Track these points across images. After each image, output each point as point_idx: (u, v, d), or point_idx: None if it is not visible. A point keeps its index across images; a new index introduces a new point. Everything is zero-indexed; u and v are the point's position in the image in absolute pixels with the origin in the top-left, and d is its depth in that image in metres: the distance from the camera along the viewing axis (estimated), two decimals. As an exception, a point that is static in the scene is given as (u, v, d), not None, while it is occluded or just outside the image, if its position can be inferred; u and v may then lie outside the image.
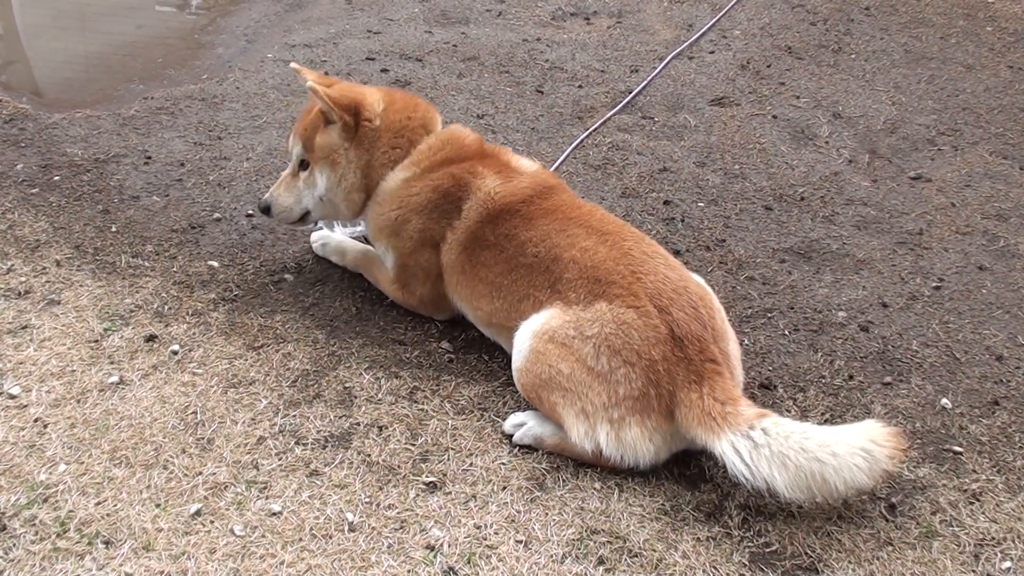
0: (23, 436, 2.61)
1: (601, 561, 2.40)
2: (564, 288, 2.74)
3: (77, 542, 2.32)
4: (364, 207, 3.25)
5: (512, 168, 3.12)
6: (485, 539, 2.43)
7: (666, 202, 3.96)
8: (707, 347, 2.60)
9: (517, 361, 2.75)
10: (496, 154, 3.19)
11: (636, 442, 2.56)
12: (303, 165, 3.22)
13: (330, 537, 2.40)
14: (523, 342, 2.72)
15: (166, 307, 3.16)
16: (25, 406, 2.72)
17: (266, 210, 3.27)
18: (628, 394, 2.55)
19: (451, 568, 2.34)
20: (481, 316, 3.01)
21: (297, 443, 2.67)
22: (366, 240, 3.58)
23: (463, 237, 2.99)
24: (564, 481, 2.64)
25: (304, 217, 3.28)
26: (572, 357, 2.61)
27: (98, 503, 2.43)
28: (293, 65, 3.27)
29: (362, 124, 3.13)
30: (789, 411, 2.92)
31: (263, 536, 2.38)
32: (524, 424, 2.75)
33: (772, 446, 2.39)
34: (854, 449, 2.39)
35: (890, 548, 2.49)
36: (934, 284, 3.57)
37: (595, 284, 2.70)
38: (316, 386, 2.89)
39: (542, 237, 2.85)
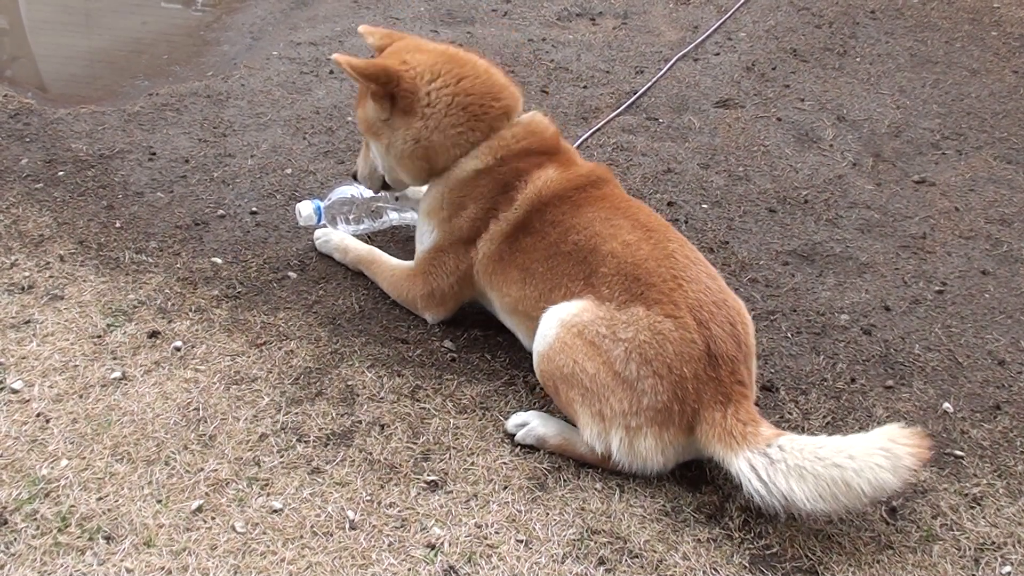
0: (25, 431, 2.62)
1: (601, 561, 2.40)
2: (598, 282, 2.68)
3: (78, 537, 2.32)
4: (430, 174, 3.10)
5: (575, 162, 3.08)
6: (486, 538, 2.43)
7: (670, 203, 3.96)
8: (738, 368, 2.55)
9: (540, 346, 2.69)
10: (566, 150, 3.13)
11: (649, 452, 2.54)
12: None
13: (331, 535, 2.40)
14: (549, 328, 2.66)
15: (169, 303, 3.17)
16: (27, 401, 2.72)
17: (356, 176, 3.39)
18: (651, 405, 2.51)
19: (451, 567, 2.34)
20: (508, 303, 2.96)
21: (299, 440, 2.68)
22: (370, 239, 3.58)
23: (508, 228, 2.93)
24: (565, 481, 2.64)
25: (387, 185, 3.30)
26: (600, 358, 2.57)
27: (99, 498, 2.43)
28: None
29: (402, 95, 2.95)
30: (791, 414, 2.93)
31: (264, 533, 2.38)
32: (527, 424, 2.75)
33: (788, 460, 2.37)
34: (873, 450, 2.34)
35: (890, 552, 2.49)
36: (937, 288, 3.57)
37: (633, 283, 2.63)
38: (318, 384, 2.89)
39: (585, 225, 2.79)
